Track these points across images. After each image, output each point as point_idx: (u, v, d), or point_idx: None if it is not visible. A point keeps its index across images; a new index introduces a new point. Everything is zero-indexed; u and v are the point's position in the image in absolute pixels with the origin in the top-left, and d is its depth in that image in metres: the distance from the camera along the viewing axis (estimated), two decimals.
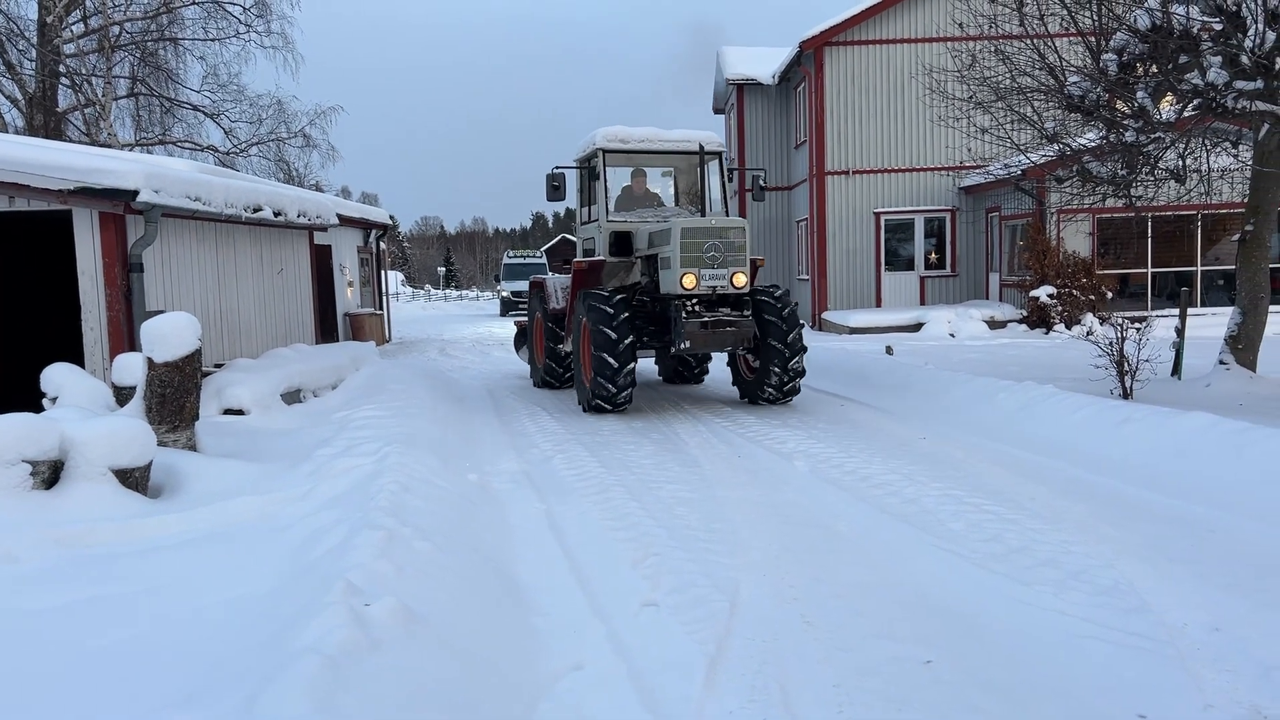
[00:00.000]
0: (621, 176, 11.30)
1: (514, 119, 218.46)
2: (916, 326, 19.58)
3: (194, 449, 6.53)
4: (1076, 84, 9.51)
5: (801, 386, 10.06)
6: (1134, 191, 10.21)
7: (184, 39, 25.78)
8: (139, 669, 3.31)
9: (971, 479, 6.45)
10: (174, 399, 6.35)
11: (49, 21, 23.34)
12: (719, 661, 3.60)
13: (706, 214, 10.64)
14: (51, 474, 5.28)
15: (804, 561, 4.76)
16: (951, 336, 18.66)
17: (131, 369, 6.93)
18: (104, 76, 24.50)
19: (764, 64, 24.99)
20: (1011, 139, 10.77)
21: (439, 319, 35.24)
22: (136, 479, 5.51)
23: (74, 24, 24.65)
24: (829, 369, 12.17)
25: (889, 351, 14.28)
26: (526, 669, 3.57)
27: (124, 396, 6.92)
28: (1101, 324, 16.24)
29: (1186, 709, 3.18)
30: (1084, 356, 11.36)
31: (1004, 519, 5.41)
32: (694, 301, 9.39)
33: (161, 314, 6.50)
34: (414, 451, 6.59)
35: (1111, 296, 18.24)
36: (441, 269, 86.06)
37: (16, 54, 24.03)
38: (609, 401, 9.43)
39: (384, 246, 23.65)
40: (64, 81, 24.68)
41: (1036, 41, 9.86)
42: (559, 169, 10.53)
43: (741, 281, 9.39)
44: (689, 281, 9.22)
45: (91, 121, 25.05)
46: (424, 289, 70.89)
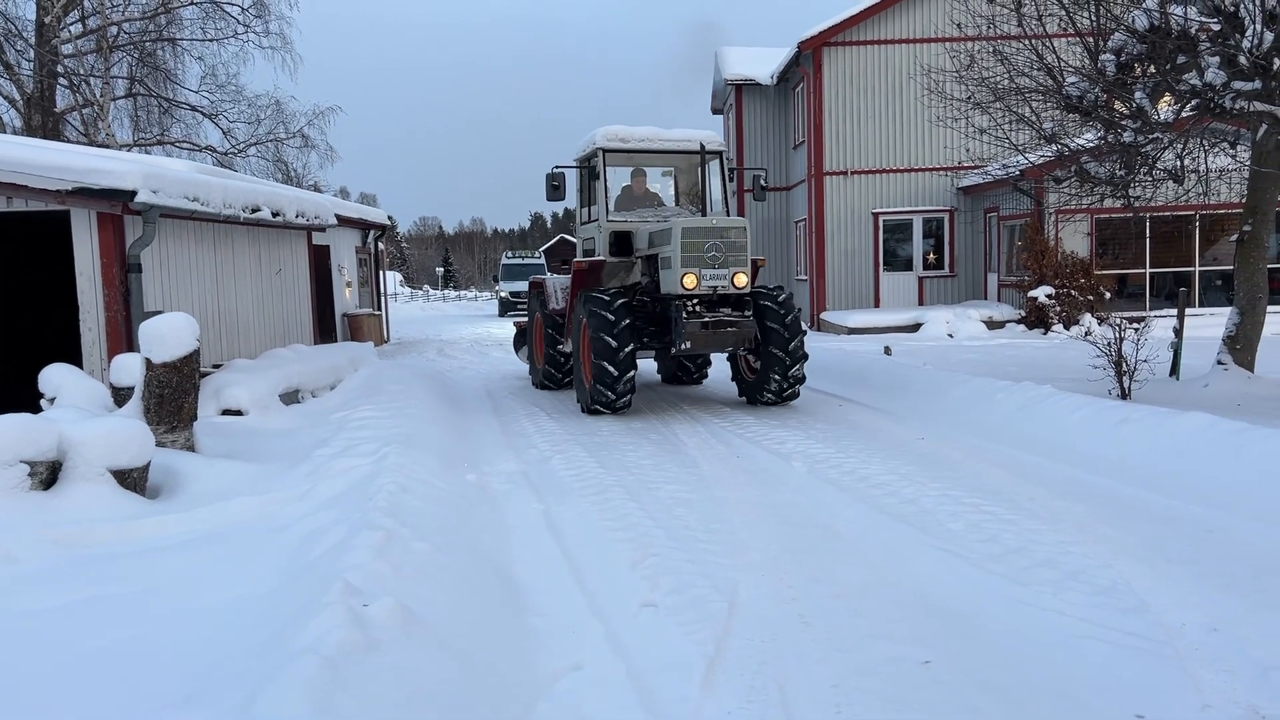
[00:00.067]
0: (621, 176, 11.24)
1: (513, 119, 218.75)
2: (915, 327, 19.59)
3: (192, 449, 6.52)
4: (1075, 84, 9.53)
5: (800, 390, 10.05)
6: (1132, 192, 10.22)
7: (182, 39, 25.79)
8: (138, 669, 3.31)
9: (970, 479, 6.45)
10: (172, 399, 6.35)
11: (47, 22, 23.32)
12: (717, 662, 3.60)
13: (707, 214, 10.62)
14: (50, 474, 5.28)
15: (802, 562, 4.76)
16: (950, 337, 18.67)
17: (130, 369, 6.93)
18: (102, 77, 24.49)
19: (762, 64, 25.00)
20: (1010, 139, 10.77)
21: (437, 319, 35.22)
22: (135, 479, 5.51)
23: (72, 24, 24.64)
24: (827, 369, 12.18)
25: (887, 352, 14.29)
26: (525, 669, 3.57)
27: (122, 397, 6.92)
28: (1100, 324, 16.24)
29: (1184, 709, 3.19)
30: (1082, 357, 11.37)
31: (1002, 519, 5.41)
32: (694, 302, 9.34)
33: (160, 314, 6.50)
34: (412, 452, 6.58)
35: (1110, 297, 18.25)
36: (440, 269, 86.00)
37: (14, 54, 24.01)
38: (609, 396, 9.43)
39: (382, 247, 23.64)
40: (62, 82, 24.66)
41: (1034, 42, 9.87)
42: (559, 168, 10.48)
43: (742, 281, 9.35)
44: (689, 281, 9.18)
45: (90, 122, 25.04)
46: (422, 289, 70.90)
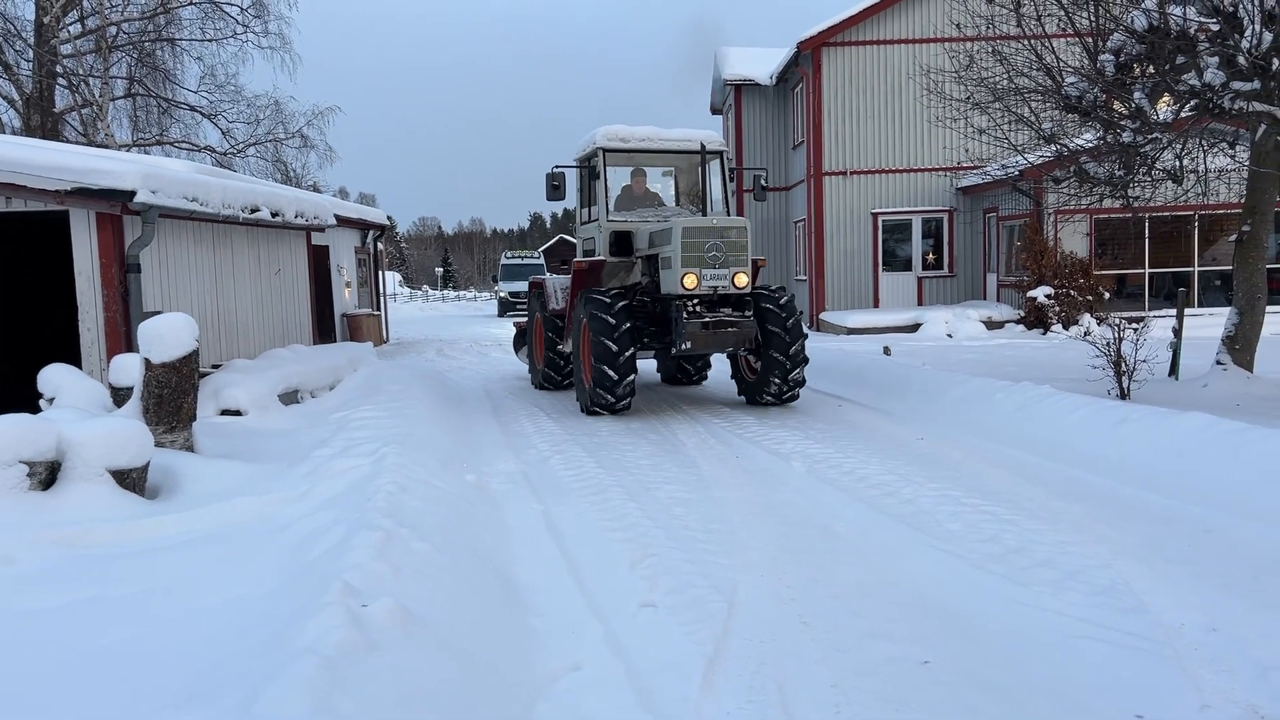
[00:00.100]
0: (621, 176, 11.22)
1: (512, 119, 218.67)
2: (914, 327, 19.59)
3: (191, 450, 6.52)
4: (1074, 85, 9.53)
5: (800, 392, 10.03)
6: (1131, 192, 10.23)
7: (181, 39, 25.79)
8: (138, 669, 3.31)
9: (969, 479, 6.45)
10: (171, 400, 6.35)
11: (46, 22, 23.31)
12: (717, 662, 3.60)
13: (708, 213, 10.60)
14: (49, 475, 5.28)
15: (801, 562, 4.76)
16: (949, 337, 18.67)
17: (129, 370, 6.93)
18: (101, 77, 24.48)
19: (762, 64, 25.01)
20: (1009, 139, 10.78)
21: (436, 320, 35.21)
22: (134, 480, 5.51)
23: (71, 24, 24.63)
24: (826, 369, 12.17)
25: (886, 352, 14.29)
26: (524, 669, 3.58)
27: (121, 397, 6.92)
28: (1099, 324, 16.23)
29: (1183, 709, 3.19)
30: (1081, 357, 11.37)
31: (1001, 519, 5.41)
32: (695, 302, 9.32)
33: (159, 315, 6.49)
34: (411, 452, 6.58)
35: (1109, 297, 18.25)
36: (439, 269, 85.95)
37: (13, 54, 24.00)
38: (610, 394, 9.41)
39: (381, 247, 23.64)
40: (61, 82, 24.66)
41: (1033, 42, 9.87)
42: (559, 168, 10.45)
43: (743, 281, 9.33)
44: (690, 281, 9.15)
45: (89, 122, 25.03)
46: (421, 289, 70.86)
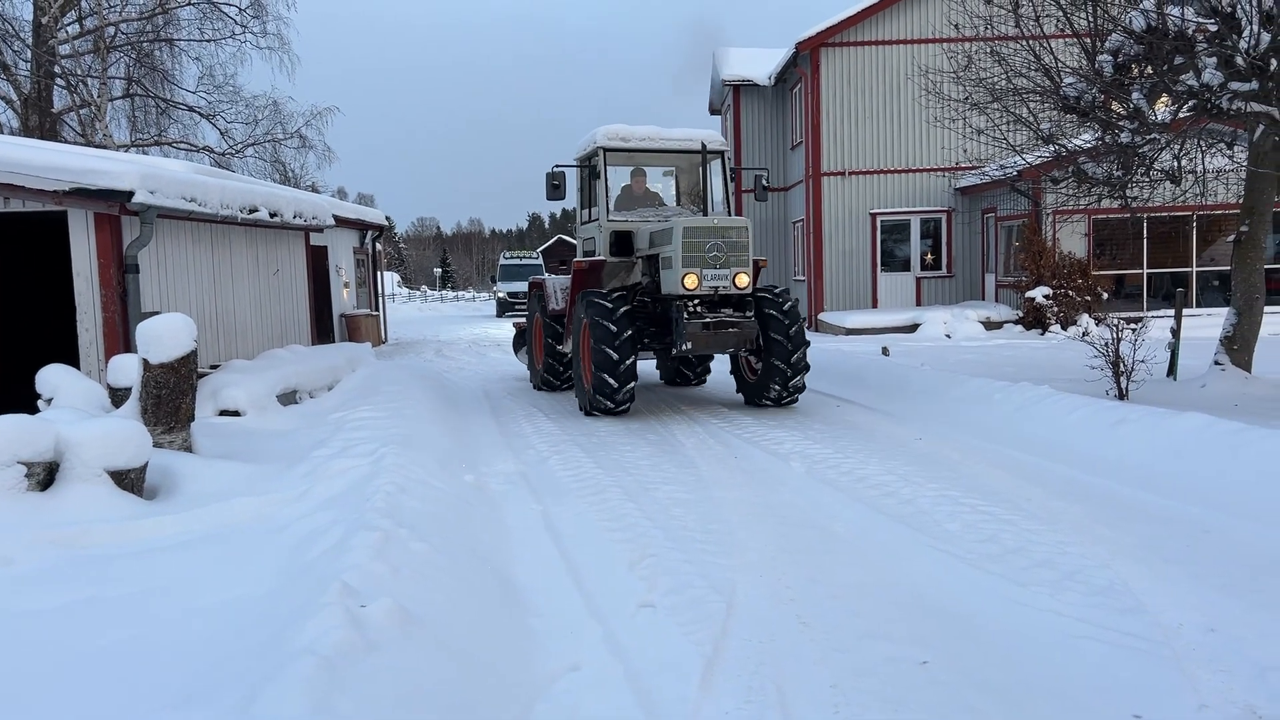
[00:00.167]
0: (621, 176, 11.18)
1: (511, 120, 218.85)
2: (912, 327, 19.60)
3: (190, 450, 6.52)
4: (1072, 85, 9.54)
5: (799, 396, 10.02)
6: (1129, 192, 10.24)
7: (179, 40, 25.78)
8: (137, 670, 3.31)
9: (967, 480, 6.45)
10: (169, 400, 6.34)
11: (44, 22, 23.29)
12: (716, 662, 3.60)
13: (708, 213, 10.57)
14: (47, 475, 5.27)
15: (800, 562, 4.76)
16: (947, 337, 18.68)
17: (127, 370, 6.92)
18: (99, 77, 24.46)
19: (760, 65, 25.02)
20: (1007, 140, 10.79)
21: (435, 320, 35.20)
22: (132, 480, 5.50)
23: (69, 25, 24.61)
24: (825, 370, 12.18)
25: (885, 352, 14.30)
26: (523, 670, 3.57)
27: (119, 398, 6.91)
28: (1097, 325, 16.26)
29: (1182, 709, 3.19)
30: (1080, 357, 11.38)
31: (1000, 520, 5.42)
32: (696, 302, 9.27)
33: (157, 315, 6.49)
34: (410, 452, 6.58)
35: (1107, 297, 18.27)
36: (438, 270, 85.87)
37: (11, 55, 23.99)
38: (610, 400, 9.29)
39: (380, 247, 23.63)
40: (59, 82, 24.63)
41: (1032, 43, 9.88)
42: (559, 168, 10.40)
43: (744, 282, 9.28)
44: (690, 282, 9.11)
45: (87, 122, 25.01)
46: (420, 290, 70.82)
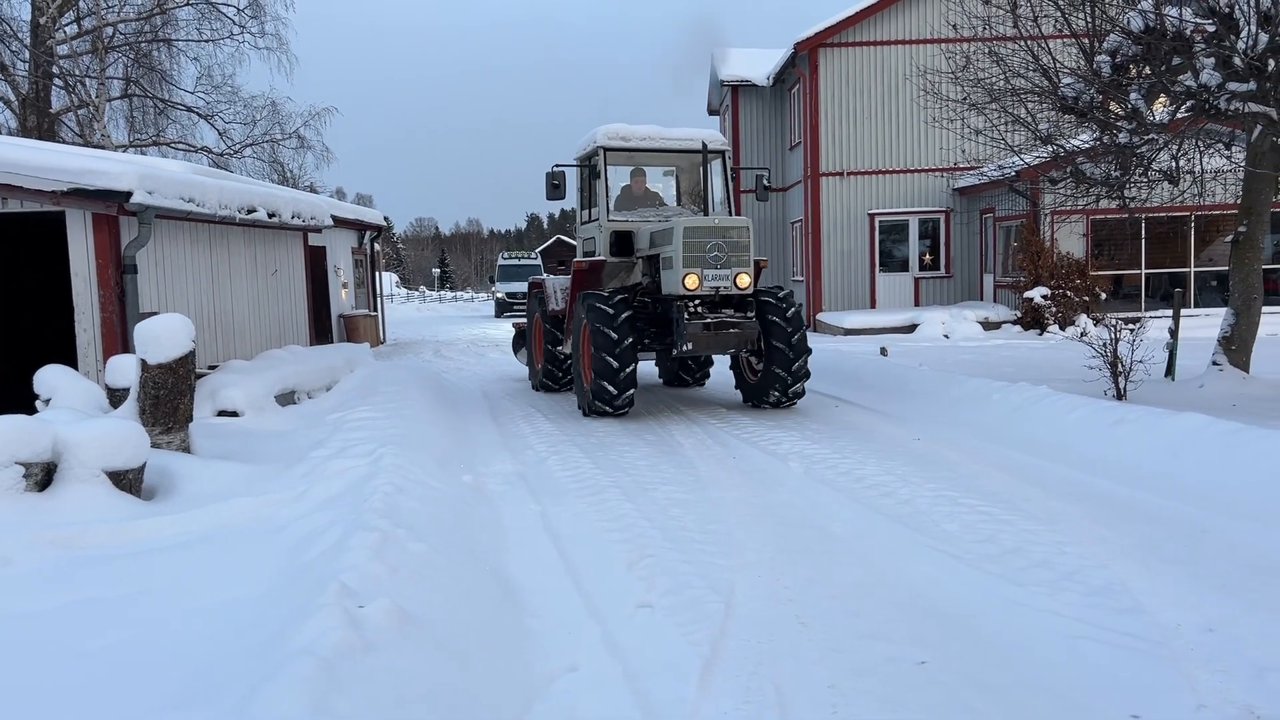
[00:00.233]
0: (621, 176, 11.14)
1: (510, 120, 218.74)
2: (911, 328, 19.61)
3: (188, 451, 6.51)
4: (1070, 85, 9.54)
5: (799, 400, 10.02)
6: (1127, 193, 10.24)
7: (178, 40, 25.73)
8: (135, 670, 3.30)
9: (966, 480, 6.46)
10: (168, 401, 6.34)
11: (42, 22, 23.26)
12: (714, 663, 3.60)
13: (709, 213, 10.54)
14: (45, 476, 5.26)
15: (799, 563, 4.76)
16: (946, 338, 18.69)
17: (125, 371, 6.91)
18: (97, 77, 24.43)
19: (759, 65, 25.03)
20: (1005, 140, 10.79)
21: (434, 320, 35.20)
22: (130, 481, 5.50)
23: (67, 25, 24.57)
24: (824, 370, 12.18)
25: (883, 353, 14.30)
26: (521, 670, 3.57)
27: (117, 398, 6.91)
28: (1095, 325, 16.28)
29: (1180, 709, 3.19)
30: (1078, 357, 11.39)
31: (998, 520, 5.42)
32: (696, 302, 9.23)
33: (155, 315, 6.48)
34: (408, 453, 6.57)
35: (1105, 297, 18.30)
36: (436, 270, 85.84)
37: (10, 55, 23.95)
38: (609, 404, 9.25)
39: (378, 248, 23.62)
40: (57, 82, 24.59)
41: (1030, 43, 9.89)
42: (559, 167, 10.36)
43: (745, 282, 9.24)
44: (691, 282, 9.07)
45: (85, 123, 24.97)
46: (418, 290, 70.80)
